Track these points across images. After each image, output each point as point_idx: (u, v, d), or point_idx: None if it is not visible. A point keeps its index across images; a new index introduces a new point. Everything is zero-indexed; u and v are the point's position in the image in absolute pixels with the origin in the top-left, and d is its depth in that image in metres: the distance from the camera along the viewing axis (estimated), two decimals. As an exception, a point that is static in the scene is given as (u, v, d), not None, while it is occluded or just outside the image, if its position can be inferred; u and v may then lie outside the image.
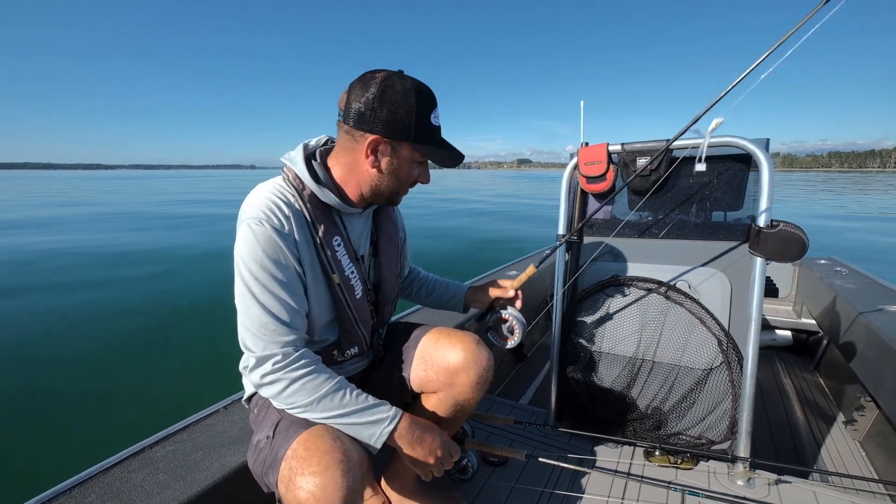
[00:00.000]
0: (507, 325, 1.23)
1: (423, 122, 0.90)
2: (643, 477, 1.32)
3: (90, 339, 4.40)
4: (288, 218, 0.88)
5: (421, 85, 0.90)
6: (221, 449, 1.09)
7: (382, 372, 1.16)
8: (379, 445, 0.85)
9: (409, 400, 1.15)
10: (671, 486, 1.20)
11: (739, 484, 1.28)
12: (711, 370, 1.40)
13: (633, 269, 1.55)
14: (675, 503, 1.24)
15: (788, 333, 2.69)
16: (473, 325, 2.03)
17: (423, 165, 0.98)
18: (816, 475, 1.49)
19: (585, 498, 1.27)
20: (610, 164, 1.47)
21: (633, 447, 1.48)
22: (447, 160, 0.95)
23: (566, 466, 1.30)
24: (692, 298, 1.42)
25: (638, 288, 1.51)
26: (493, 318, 1.24)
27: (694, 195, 1.44)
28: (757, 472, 1.31)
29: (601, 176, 1.49)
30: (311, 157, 0.96)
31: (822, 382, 2.33)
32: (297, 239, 0.89)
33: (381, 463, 1.25)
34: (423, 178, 1.00)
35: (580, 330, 1.60)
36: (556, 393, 1.62)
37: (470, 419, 1.56)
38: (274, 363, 0.83)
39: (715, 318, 1.39)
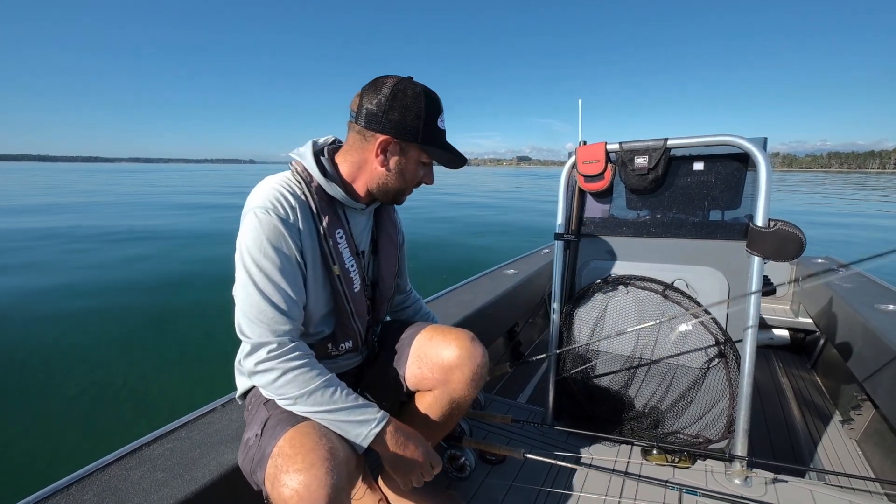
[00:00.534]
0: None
1: (430, 125, 0.95)
2: (640, 476, 1.33)
3: (88, 335, 4.39)
4: (294, 209, 0.90)
5: (429, 91, 0.95)
6: (219, 447, 1.09)
7: (377, 370, 1.16)
8: (365, 444, 0.86)
9: (404, 398, 1.16)
10: (668, 484, 1.20)
11: (736, 483, 1.28)
12: (709, 369, 1.40)
13: (630, 267, 1.55)
14: (672, 502, 1.24)
15: (786, 332, 2.70)
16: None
17: (427, 167, 1.03)
18: (813, 474, 1.50)
19: (583, 496, 1.28)
20: (608, 162, 1.48)
21: (630, 446, 1.48)
22: (452, 162, 1.00)
23: (564, 465, 1.30)
24: (690, 297, 1.43)
25: (635, 287, 1.51)
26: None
27: (692, 194, 1.45)
28: (754, 470, 1.31)
29: (599, 175, 1.49)
30: (319, 152, 1.00)
31: (819, 381, 2.33)
32: (301, 229, 0.91)
33: (377, 460, 1.25)
34: (427, 178, 1.05)
35: (578, 329, 1.60)
36: (553, 392, 1.62)
37: (468, 418, 1.57)
38: (269, 351, 0.84)
39: (712, 316, 1.39)
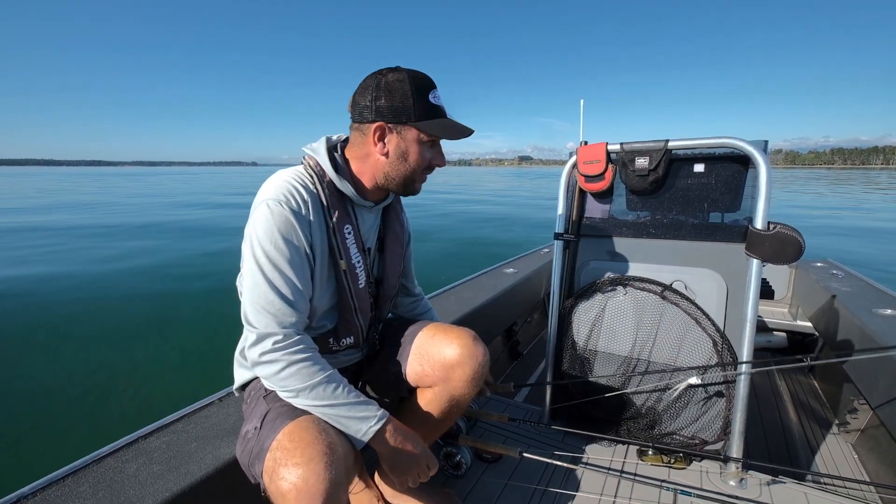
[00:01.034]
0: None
1: (421, 102, 0.93)
2: (636, 476, 1.33)
3: (87, 328, 4.40)
4: (306, 202, 0.91)
5: (415, 71, 0.94)
6: (216, 440, 1.09)
7: (378, 366, 1.17)
8: (364, 441, 0.86)
9: (404, 394, 1.16)
10: (664, 485, 1.20)
11: (731, 484, 1.29)
12: (706, 371, 1.40)
13: (629, 268, 1.55)
14: (667, 502, 1.24)
15: (783, 335, 2.70)
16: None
17: (434, 147, 1.01)
18: (809, 477, 1.50)
19: (578, 496, 1.28)
20: (609, 163, 1.48)
21: (626, 446, 1.48)
22: (453, 132, 0.98)
23: (560, 464, 1.31)
24: (688, 299, 1.43)
25: (634, 287, 1.51)
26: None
27: (692, 196, 1.45)
28: (749, 472, 1.31)
29: (600, 175, 1.49)
30: (332, 149, 1.00)
31: (816, 385, 2.34)
32: (311, 221, 0.92)
33: (374, 457, 1.26)
34: (437, 159, 1.02)
35: (576, 328, 1.61)
36: (550, 391, 1.62)
37: (465, 415, 1.57)
38: (274, 342, 0.84)
39: (710, 318, 1.39)
